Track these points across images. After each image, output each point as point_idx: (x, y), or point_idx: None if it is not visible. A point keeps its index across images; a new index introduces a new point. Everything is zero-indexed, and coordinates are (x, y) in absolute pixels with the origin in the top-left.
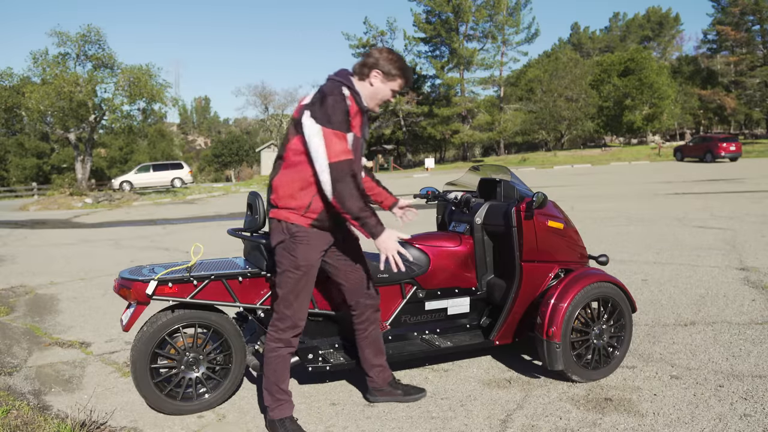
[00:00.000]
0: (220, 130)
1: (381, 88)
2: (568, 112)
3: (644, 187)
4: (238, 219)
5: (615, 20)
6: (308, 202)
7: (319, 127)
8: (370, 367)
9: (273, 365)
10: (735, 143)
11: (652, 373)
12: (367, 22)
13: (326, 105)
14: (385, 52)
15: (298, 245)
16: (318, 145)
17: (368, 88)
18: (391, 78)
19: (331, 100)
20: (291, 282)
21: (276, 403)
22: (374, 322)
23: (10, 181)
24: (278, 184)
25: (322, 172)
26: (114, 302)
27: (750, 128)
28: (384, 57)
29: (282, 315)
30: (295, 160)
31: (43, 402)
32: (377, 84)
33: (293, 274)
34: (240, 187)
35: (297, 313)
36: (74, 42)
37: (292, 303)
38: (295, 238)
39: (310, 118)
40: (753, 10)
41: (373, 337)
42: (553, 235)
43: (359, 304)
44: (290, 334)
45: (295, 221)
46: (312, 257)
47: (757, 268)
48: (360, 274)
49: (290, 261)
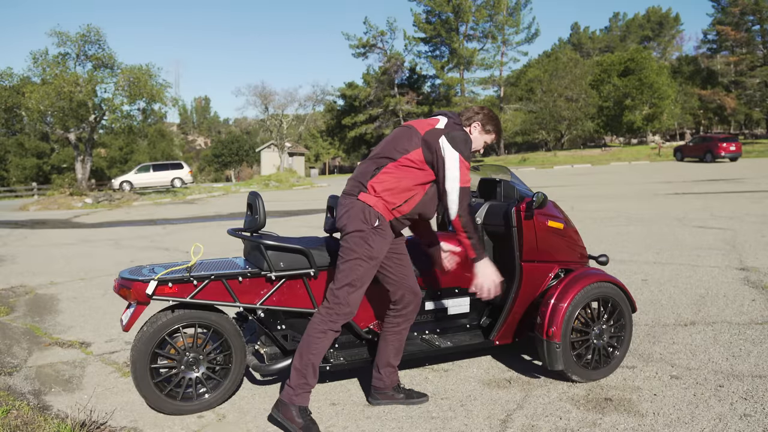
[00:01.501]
0: (220, 130)
1: (478, 138)
2: (568, 112)
3: (644, 187)
4: (238, 219)
5: (615, 20)
6: (402, 203)
7: (458, 155)
8: (385, 365)
9: (318, 346)
10: (735, 143)
11: (652, 373)
12: (367, 22)
13: (464, 139)
14: (486, 110)
15: (377, 236)
16: (454, 169)
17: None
18: (486, 131)
19: (468, 139)
20: (361, 270)
21: (304, 388)
22: (409, 320)
23: (10, 181)
24: (386, 174)
25: (452, 191)
26: (114, 302)
27: (750, 128)
28: (485, 113)
29: (344, 300)
30: (409, 166)
31: (43, 402)
32: (476, 134)
33: (366, 263)
34: (240, 187)
35: (357, 300)
36: (74, 42)
37: (357, 290)
38: (377, 229)
39: (448, 143)
40: (753, 10)
41: (402, 335)
42: (553, 235)
43: (403, 299)
44: (344, 320)
45: (381, 212)
46: (385, 249)
47: (757, 268)
48: (408, 270)
49: (366, 250)
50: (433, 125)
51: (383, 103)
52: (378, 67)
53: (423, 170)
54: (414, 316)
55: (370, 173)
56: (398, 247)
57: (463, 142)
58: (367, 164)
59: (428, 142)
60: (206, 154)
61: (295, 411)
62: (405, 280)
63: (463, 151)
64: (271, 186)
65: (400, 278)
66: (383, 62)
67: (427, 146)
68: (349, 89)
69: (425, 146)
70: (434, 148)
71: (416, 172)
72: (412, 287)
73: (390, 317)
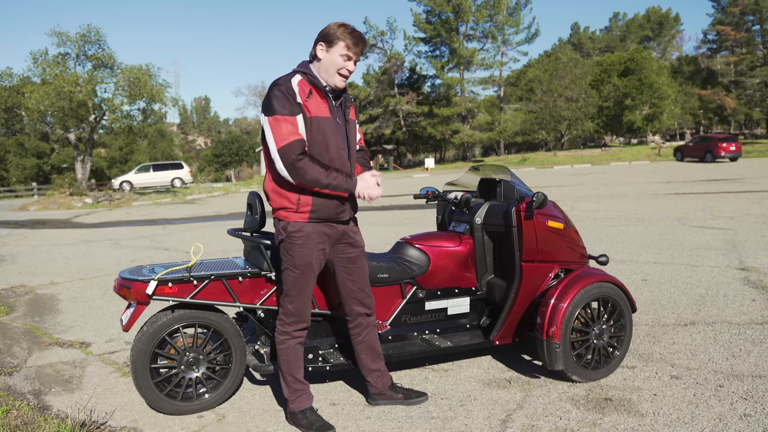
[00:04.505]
0: (220, 130)
1: (327, 57)
2: (568, 112)
3: (644, 187)
4: (238, 219)
5: (615, 20)
6: (297, 198)
7: (266, 118)
8: (368, 371)
9: (284, 357)
10: (735, 143)
11: (652, 373)
12: (367, 22)
13: (267, 96)
14: (329, 25)
15: (294, 245)
16: (269, 137)
17: (317, 64)
18: (332, 44)
19: (269, 91)
20: (291, 279)
21: (294, 394)
22: (367, 327)
23: (10, 181)
24: (268, 188)
25: (276, 160)
26: (114, 302)
27: (750, 128)
28: (325, 29)
29: (286, 310)
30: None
31: (43, 402)
32: (322, 55)
33: (293, 273)
34: (240, 187)
35: (300, 309)
36: (74, 42)
37: (294, 299)
38: (291, 238)
39: (262, 113)
40: (753, 10)
41: (368, 341)
42: (553, 235)
43: (351, 311)
44: (294, 328)
45: (293, 219)
46: (308, 257)
47: (757, 268)
48: (358, 282)
49: (288, 260)
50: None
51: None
52: (378, 67)
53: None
54: (370, 321)
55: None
56: (350, 258)
57: (268, 99)
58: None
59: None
60: (206, 154)
61: (300, 415)
62: (352, 293)
63: (269, 107)
64: None
65: (346, 292)
66: (383, 62)
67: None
68: (349, 89)
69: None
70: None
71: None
72: (361, 299)
73: (349, 329)
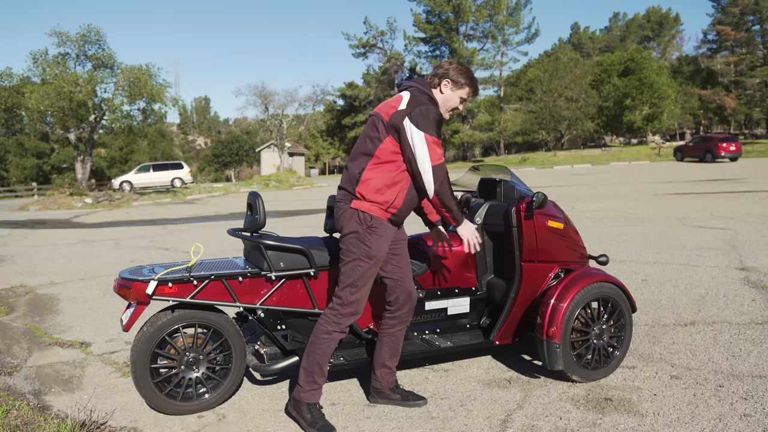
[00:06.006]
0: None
1: (450, 95)
2: (568, 112)
3: (644, 187)
4: (238, 219)
5: (615, 20)
6: (393, 199)
7: (423, 134)
8: (381, 366)
9: (323, 347)
10: (735, 143)
11: (652, 373)
12: (367, 22)
13: (428, 115)
14: (454, 64)
15: (374, 236)
16: (422, 150)
17: (440, 96)
18: (458, 87)
19: (432, 112)
20: (360, 270)
21: (311, 385)
22: (404, 322)
23: (10, 181)
24: (369, 178)
25: (426, 173)
26: (114, 302)
27: (750, 128)
28: (453, 68)
29: (346, 301)
30: (387, 159)
31: (43, 402)
32: (446, 92)
33: (365, 263)
34: (240, 187)
35: (361, 300)
36: (74, 42)
37: (359, 290)
38: (372, 229)
39: (411, 124)
40: (753, 10)
41: (396, 336)
42: (553, 235)
43: (398, 300)
44: (349, 321)
45: (377, 214)
46: (383, 249)
47: (757, 268)
48: (405, 272)
49: (364, 250)
50: (396, 107)
51: None
52: (378, 67)
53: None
54: (409, 318)
55: (355, 179)
56: (398, 248)
57: (426, 117)
58: (350, 167)
59: (395, 127)
60: (206, 154)
61: (305, 407)
62: (401, 281)
63: (428, 127)
64: (271, 186)
65: (396, 279)
66: (383, 62)
67: (395, 131)
68: (349, 89)
69: (393, 132)
70: (401, 132)
71: (394, 164)
72: (408, 289)
73: (385, 318)
